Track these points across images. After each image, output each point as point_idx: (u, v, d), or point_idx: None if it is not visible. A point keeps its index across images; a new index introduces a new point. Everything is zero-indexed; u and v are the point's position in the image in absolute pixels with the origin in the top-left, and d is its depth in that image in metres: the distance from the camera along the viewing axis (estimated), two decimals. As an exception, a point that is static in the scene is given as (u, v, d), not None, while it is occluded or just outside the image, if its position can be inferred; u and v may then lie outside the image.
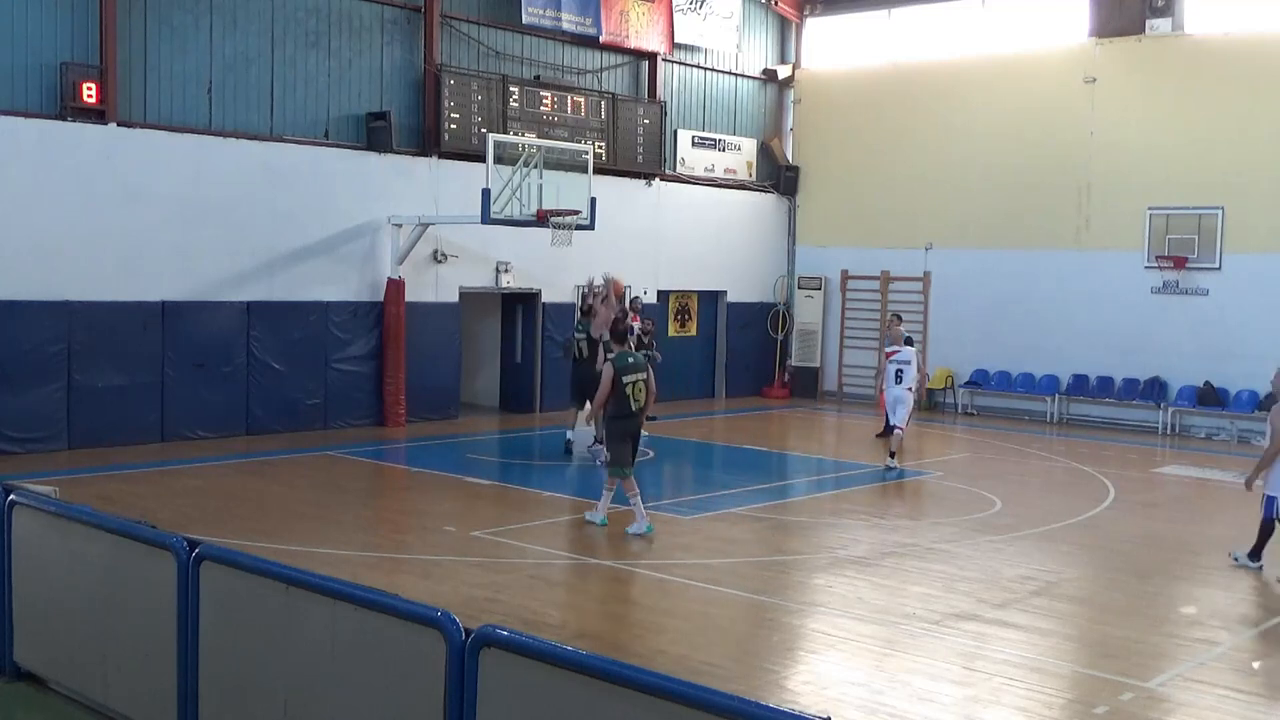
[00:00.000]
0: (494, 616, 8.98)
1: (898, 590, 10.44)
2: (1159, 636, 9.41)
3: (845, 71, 25.86)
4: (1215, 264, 21.19)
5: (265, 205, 17.97)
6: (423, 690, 4.96)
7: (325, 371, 18.68)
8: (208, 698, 6.07)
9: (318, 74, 18.69)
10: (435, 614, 5.00)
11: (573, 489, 15.18)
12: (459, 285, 20.44)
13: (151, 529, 6.66)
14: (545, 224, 18.07)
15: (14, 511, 7.35)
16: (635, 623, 9.48)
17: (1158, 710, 7.77)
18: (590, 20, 22.12)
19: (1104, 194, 22.32)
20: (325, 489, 14.55)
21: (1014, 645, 8.94)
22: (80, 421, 16.13)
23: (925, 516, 14.14)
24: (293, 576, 5.75)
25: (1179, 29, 21.81)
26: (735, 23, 25.01)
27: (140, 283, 16.71)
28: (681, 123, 24.45)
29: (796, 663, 8.80)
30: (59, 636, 7.15)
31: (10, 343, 15.50)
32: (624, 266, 22.86)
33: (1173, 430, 21.47)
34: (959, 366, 24.08)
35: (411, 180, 19.65)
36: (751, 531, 12.93)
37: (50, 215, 15.90)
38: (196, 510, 12.73)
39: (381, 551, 11.47)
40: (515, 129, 20.48)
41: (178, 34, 17.11)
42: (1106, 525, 13.87)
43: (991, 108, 23.59)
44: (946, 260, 24.25)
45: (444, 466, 16.14)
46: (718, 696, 4.21)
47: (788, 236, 26.60)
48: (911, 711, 7.57)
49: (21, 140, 15.67)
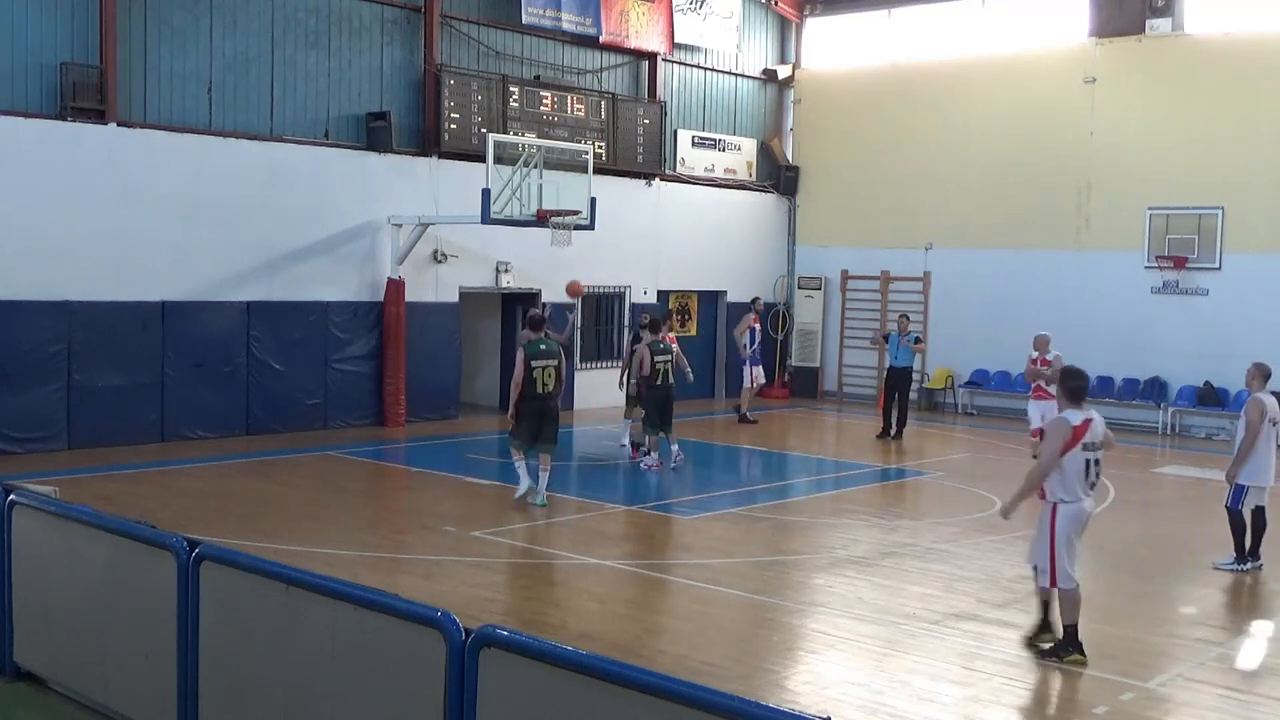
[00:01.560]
0: (494, 616, 8.99)
1: (898, 590, 10.44)
2: (1159, 636, 9.41)
3: (845, 71, 25.87)
4: (1215, 264, 21.19)
5: (265, 205, 17.97)
6: (423, 690, 4.96)
7: (325, 371, 18.68)
8: (208, 698, 6.06)
9: (318, 74, 18.69)
10: (435, 614, 5.00)
11: (573, 489, 15.17)
12: (459, 285, 20.44)
13: (151, 529, 6.66)
14: (545, 224, 18.07)
15: (14, 511, 7.35)
16: (635, 623, 9.48)
17: (1158, 710, 7.77)
18: (590, 20, 22.12)
19: (1104, 194, 22.32)
20: (325, 489, 14.55)
21: (1014, 645, 8.93)
22: (80, 421, 16.13)
23: (925, 516, 14.14)
24: (293, 576, 5.75)
25: (1179, 29, 21.81)
26: (735, 23, 25.02)
27: (140, 283, 16.70)
28: (681, 123, 24.45)
29: (796, 663, 8.80)
30: (59, 636, 7.15)
31: (10, 343, 15.50)
32: (624, 266, 22.99)
33: (1172, 430, 21.47)
34: (959, 366, 24.08)
35: (411, 180, 19.65)
36: (751, 531, 12.93)
37: (50, 215, 15.90)
38: (196, 510, 12.73)
39: (381, 551, 11.47)
40: (515, 129, 20.48)
41: (178, 34, 17.12)
42: (1106, 525, 13.86)
43: (991, 108, 23.59)
44: (946, 260, 24.25)
45: (444, 466, 16.14)
46: (718, 696, 4.21)
47: (788, 236, 26.60)
48: (911, 711, 7.57)
49: (21, 140, 15.66)
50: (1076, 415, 8.52)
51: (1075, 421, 8.48)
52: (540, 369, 13.25)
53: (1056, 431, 8.52)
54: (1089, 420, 8.49)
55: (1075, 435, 8.43)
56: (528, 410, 13.34)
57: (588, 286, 22.25)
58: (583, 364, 22.41)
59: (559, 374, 13.39)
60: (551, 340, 13.68)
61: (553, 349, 13.47)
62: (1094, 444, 8.50)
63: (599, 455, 18.02)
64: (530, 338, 13.48)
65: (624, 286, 23.18)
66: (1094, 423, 8.52)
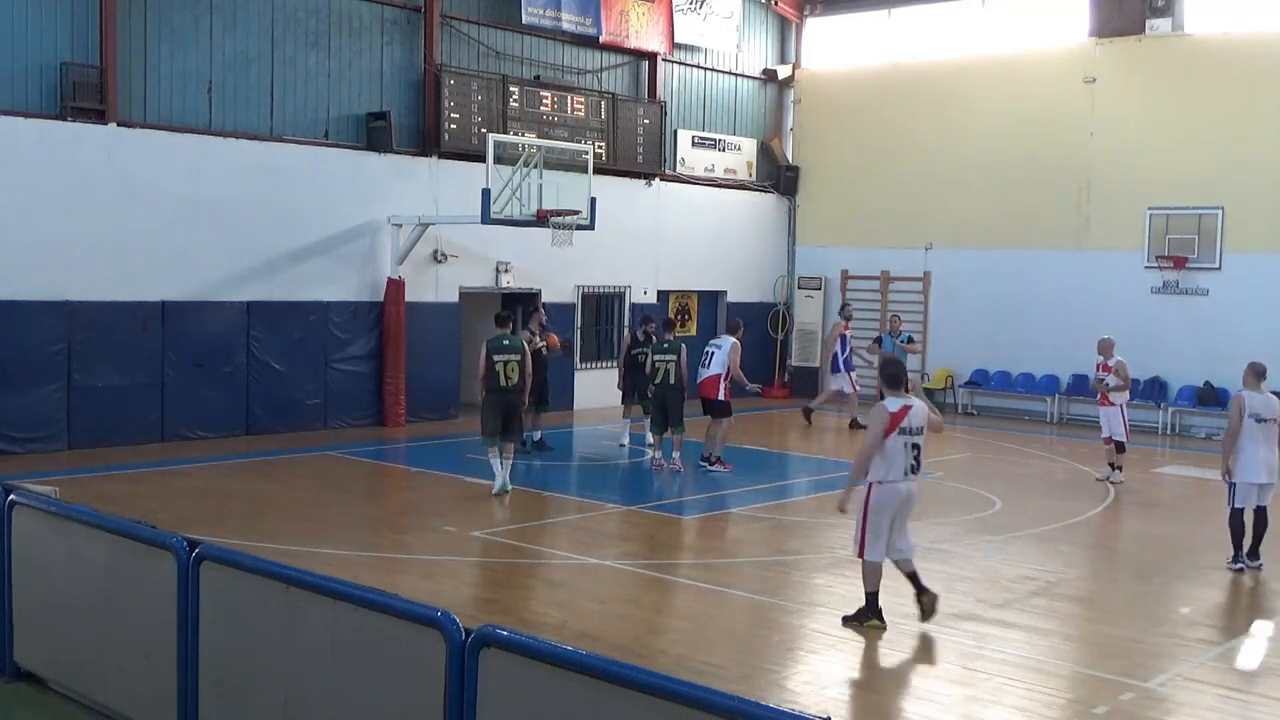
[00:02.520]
0: (494, 616, 8.98)
1: (898, 590, 10.43)
2: (1159, 636, 9.40)
3: (845, 71, 25.87)
4: (1215, 264, 21.19)
5: (265, 205, 17.96)
6: (423, 690, 4.96)
7: (325, 371, 18.68)
8: (208, 698, 6.06)
9: (318, 74, 18.68)
10: (435, 614, 5.00)
11: (573, 489, 15.17)
12: (459, 285, 20.44)
13: (151, 529, 6.66)
14: (545, 224, 18.07)
15: (14, 511, 7.35)
16: (635, 623, 9.47)
17: (1158, 710, 7.77)
18: (590, 20, 22.12)
19: (1104, 194, 22.32)
20: (325, 489, 14.55)
21: (1014, 645, 8.94)
22: (80, 421, 16.13)
23: (925, 516, 14.11)
24: (293, 576, 5.75)
25: (1179, 29, 21.81)
26: (735, 23, 25.01)
27: (140, 283, 16.70)
28: (681, 123, 24.45)
29: (796, 663, 8.80)
30: (59, 636, 7.15)
31: (10, 343, 15.50)
32: (624, 266, 22.99)
33: (1173, 430, 21.47)
34: (959, 366, 24.08)
35: (411, 180, 19.64)
36: (751, 531, 12.93)
37: (50, 215, 15.90)
38: (196, 510, 12.72)
39: (381, 551, 11.47)
40: (515, 129, 20.48)
41: (178, 34, 17.11)
42: (1106, 525, 13.89)
43: (991, 108, 23.59)
44: (946, 260, 24.25)
45: (444, 466, 16.14)
46: (718, 696, 4.21)
47: (788, 236, 26.60)
48: (911, 711, 7.58)
49: (21, 140, 15.66)
50: (895, 402, 9.06)
51: (893, 408, 9.03)
52: (502, 363, 13.70)
53: (876, 418, 9.09)
54: (907, 407, 9.02)
55: (893, 421, 8.98)
56: (492, 403, 13.77)
57: (588, 286, 22.33)
58: (582, 364, 22.41)
59: (522, 368, 13.80)
60: (516, 336, 14.06)
61: (516, 344, 13.89)
62: (911, 429, 9.00)
63: (599, 455, 18.02)
64: (497, 333, 14.01)
65: (624, 286, 23.18)
66: (913, 409, 9.04)
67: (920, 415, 9.06)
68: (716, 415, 16.10)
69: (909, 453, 9.00)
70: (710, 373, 16.04)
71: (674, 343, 16.23)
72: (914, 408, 9.03)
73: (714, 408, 16.11)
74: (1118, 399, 15.76)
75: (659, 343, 16.28)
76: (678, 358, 15.96)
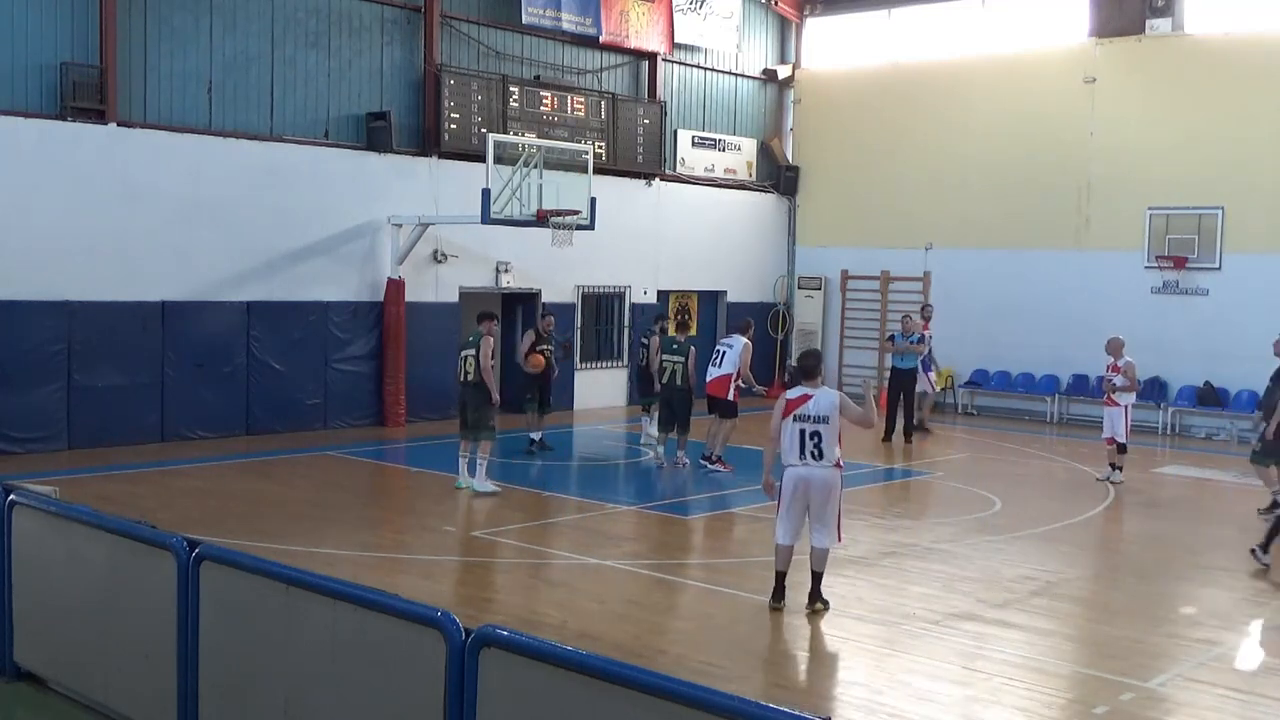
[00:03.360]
0: (494, 616, 8.98)
1: (898, 590, 10.44)
2: (1159, 636, 9.40)
3: (845, 71, 25.86)
4: (1215, 264, 21.19)
5: (265, 205, 17.96)
6: (423, 690, 4.96)
7: (325, 371, 18.67)
8: (208, 698, 6.06)
9: (318, 74, 18.68)
10: (435, 614, 5.00)
11: (573, 489, 15.17)
12: (459, 285, 20.44)
13: (151, 529, 6.66)
14: (545, 224, 18.07)
15: (14, 511, 7.35)
16: (635, 623, 9.47)
17: (1158, 710, 7.77)
18: (590, 20, 22.12)
19: (1104, 194, 22.32)
20: (325, 489, 14.55)
21: (1014, 645, 8.94)
22: (80, 421, 16.12)
23: (925, 516, 14.15)
24: (293, 576, 5.75)
25: (1179, 29, 21.81)
26: (735, 23, 25.01)
27: (140, 283, 16.70)
28: (681, 123, 24.45)
29: (796, 663, 8.80)
30: (59, 636, 7.15)
31: (10, 343, 15.49)
32: (624, 266, 22.99)
33: (1173, 430, 21.47)
34: (959, 366, 24.06)
35: (411, 180, 19.64)
36: (751, 531, 12.93)
37: (50, 215, 15.89)
38: (196, 510, 12.72)
39: (381, 551, 11.47)
40: (515, 129, 20.48)
41: (178, 34, 17.11)
42: (1106, 525, 13.89)
43: (991, 108, 23.59)
44: (946, 260, 24.25)
45: (444, 466, 16.11)
46: (718, 696, 4.21)
47: (788, 236, 26.60)
48: (911, 711, 7.57)
49: (21, 140, 15.66)
50: (795, 391, 9.57)
51: (791, 395, 9.56)
52: (462, 359, 14.18)
53: (776, 405, 9.66)
54: (806, 395, 9.45)
55: (789, 407, 9.49)
56: (459, 398, 14.42)
57: (588, 287, 22.31)
58: (582, 364, 22.42)
59: (478, 363, 14.01)
60: (478, 330, 14.27)
61: (475, 339, 14.14)
62: (808, 416, 9.42)
63: (599, 455, 18.01)
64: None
65: (624, 286, 23.18)
66: (814, 398, 9.43)
67: (824, 405, 9.41)
68: (723, 415, 16.07)
69: (803, 439, 9.40)
70: (721, 372, 16.04)
71: (684, 344, 16.24)
72: (815, 397, 9.41)
73: (721, 407, 16.08)
74: (1124, 399, 15.76)
75: (668, 341, 16.29)
76: (686, 359, 15.96)
